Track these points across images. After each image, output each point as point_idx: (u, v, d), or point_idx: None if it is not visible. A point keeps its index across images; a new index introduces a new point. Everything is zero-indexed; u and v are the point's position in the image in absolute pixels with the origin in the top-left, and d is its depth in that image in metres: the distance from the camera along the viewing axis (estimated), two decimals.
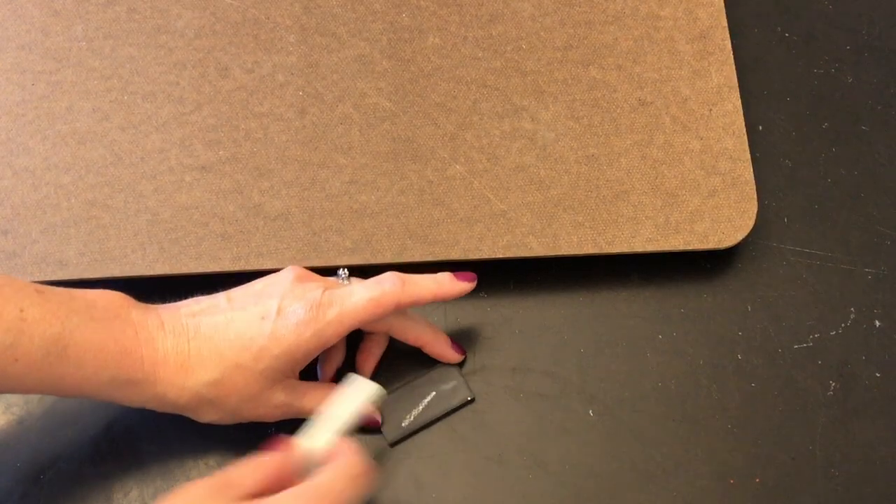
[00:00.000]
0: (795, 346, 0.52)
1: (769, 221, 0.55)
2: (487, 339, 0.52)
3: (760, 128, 0.57)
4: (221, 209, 0.51)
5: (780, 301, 0.53)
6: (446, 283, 0.47)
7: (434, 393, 0.50)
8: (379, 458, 0.49)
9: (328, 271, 0.51)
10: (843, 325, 0.53)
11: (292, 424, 0.46)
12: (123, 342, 0.42)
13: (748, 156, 0.53)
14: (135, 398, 0.43)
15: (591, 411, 0.50)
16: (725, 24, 0.56)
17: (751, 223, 0.51)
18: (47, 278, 0.50)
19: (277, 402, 0.45)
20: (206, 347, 0.43)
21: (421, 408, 0.50)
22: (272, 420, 0.46)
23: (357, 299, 0.44)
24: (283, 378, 0.45)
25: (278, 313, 0.43)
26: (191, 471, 0.48)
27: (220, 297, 0.45)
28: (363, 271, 0.52)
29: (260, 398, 0.45)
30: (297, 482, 0.40)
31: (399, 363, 0.51)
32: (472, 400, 0.50)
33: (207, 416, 0.45)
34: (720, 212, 0.51)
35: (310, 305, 0.44)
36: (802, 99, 0.58)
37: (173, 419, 0.45)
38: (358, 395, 0.46)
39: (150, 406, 0.44)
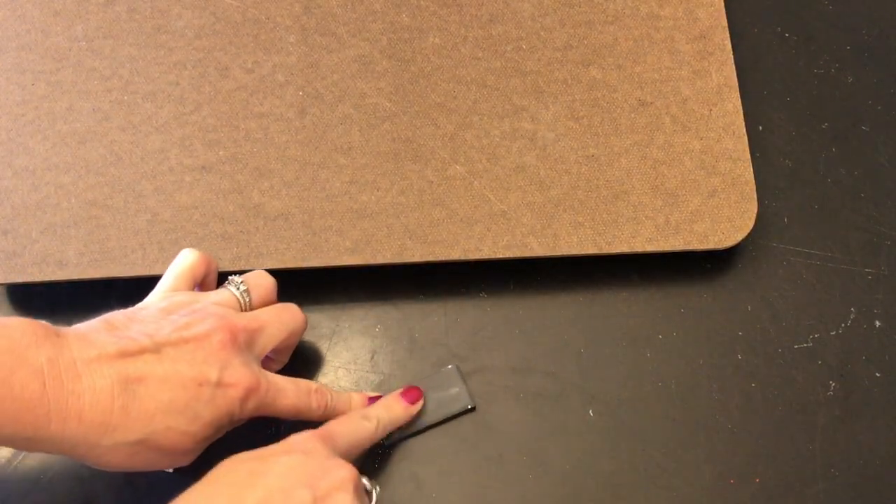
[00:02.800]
0: (795, 346, 0.52)
1: (769, 221, 0.55)
2: (487, 339, 0.52)
3: (760, 128, 0.57)
4: (221, 209, 0.51)
5: (780, 301, 0.53)
6: (358, 411, 0.47)
7: (435, 398, 0.50)
8: (378, 459, 0.49)
9: (325, 271, 0.51)
10: (843, 325, 0.53)
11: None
12: (25, 397, 0.37)
13: (748, 156, 0.53)
14: (40, 450, 0.39)
15: (591, 411, 0.50)
16: (725, 24, 0.56)
17: (751, 223, 0.51)
18: (47, 278, 0.50)
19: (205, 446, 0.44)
20: (135, 408, 0.39)
21: (420, 413, 0.49)
22: None
23: (283, 405, 0.44)
24: (211, 435, 0.43)
25: (217, 385, 0.41)
26: None
27: (143, 337, 0.41)
28: (363, 271, 0.52)
29: (188, 453, 0.43)
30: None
31: (400, 366, 0.51)
32: (473, 409, 0.50)
33: (118, 469, 0.41)
34: (720, 212, 0.51)
35: (246, 386, 0.42)
36: (802, 99, 0.58)
37: None
38: None
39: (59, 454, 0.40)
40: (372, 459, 0.49)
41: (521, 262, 0.52)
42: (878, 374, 0.51)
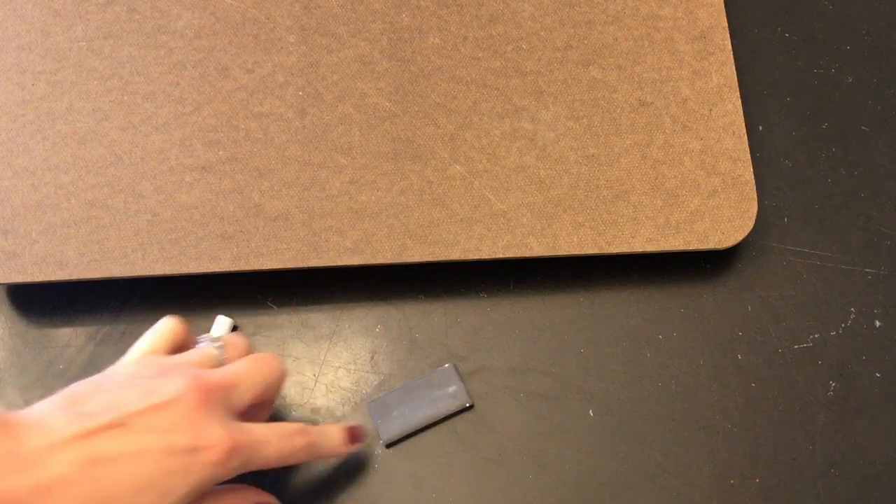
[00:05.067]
0: (795, 346, 0.52)
1: (769, 221, 0.55)
2: (487, 339, 0.52)
3: (760, 128, 0.57)
4: (221, 209, 0.51)
5: (780, 301, 0.53)
6: (341, 443, 0.46)
7: (433, 397, 0.50)
8: (379, 459, 0.49)
9: (325, 271, 0.51)
10: (843, 325, 0.53)
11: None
12: None
13: (748, 156, 0.53)
14: None
15: (591, 411, 0.50)
16: (725, 24, 0.56)
17: (751, 223, 0.51)
18: (47, 278, 0.50)
19: None
20: (97, 495, 0.37)
21: (418, 411, 0.50)
22: None
23: (267, 455, 0.41)
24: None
25: (192, 451, 0.39)
26: None
27: (105, 413, 0.38)
28: (363, 271, 0.52)
29: None
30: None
31: (400, 366, 0.51)
32: (471, 406, 0.50)
33: None
34: (720, 212, 0.51)
35: (225, 448, 0.39)
36: (802, 99, 0.58)
37: None
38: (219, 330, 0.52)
39: None
40: (372, 459, 0.49)
41: (521, 262, 0.52)
42: (878, 374, 0.51)
